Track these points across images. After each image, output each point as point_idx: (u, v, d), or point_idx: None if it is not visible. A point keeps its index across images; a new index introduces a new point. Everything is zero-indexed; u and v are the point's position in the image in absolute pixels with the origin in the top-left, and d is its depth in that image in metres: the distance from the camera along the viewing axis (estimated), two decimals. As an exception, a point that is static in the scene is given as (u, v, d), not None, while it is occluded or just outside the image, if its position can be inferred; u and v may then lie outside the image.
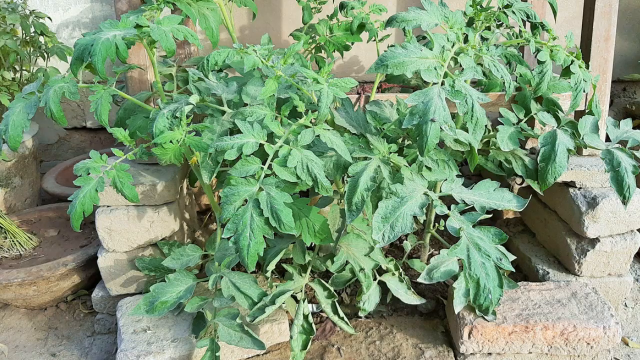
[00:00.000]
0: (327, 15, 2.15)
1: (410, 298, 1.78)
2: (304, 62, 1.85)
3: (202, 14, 1.79)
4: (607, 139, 1.85)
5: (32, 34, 2.54)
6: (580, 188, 1.89)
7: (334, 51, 2.10)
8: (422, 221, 2.00)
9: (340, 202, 1.71)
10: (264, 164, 1.43)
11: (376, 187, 1.51)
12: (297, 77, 1.57)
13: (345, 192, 1.50)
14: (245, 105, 1.65)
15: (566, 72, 1.75)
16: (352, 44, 2.14)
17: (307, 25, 2.19)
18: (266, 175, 1.42)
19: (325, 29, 2.11)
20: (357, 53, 2.75)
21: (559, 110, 1.85)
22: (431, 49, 1.51)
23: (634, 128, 1.85)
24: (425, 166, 1.64)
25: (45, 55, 2.59)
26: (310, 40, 2.13)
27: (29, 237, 2.16)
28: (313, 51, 2.15)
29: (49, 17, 2.63)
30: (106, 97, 1.64)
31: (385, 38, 2.08)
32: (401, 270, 1.84)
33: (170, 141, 1.56)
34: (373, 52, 2.06)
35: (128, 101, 1.80)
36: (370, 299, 1.76)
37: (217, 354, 1.57)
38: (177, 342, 1.65)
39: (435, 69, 1.46)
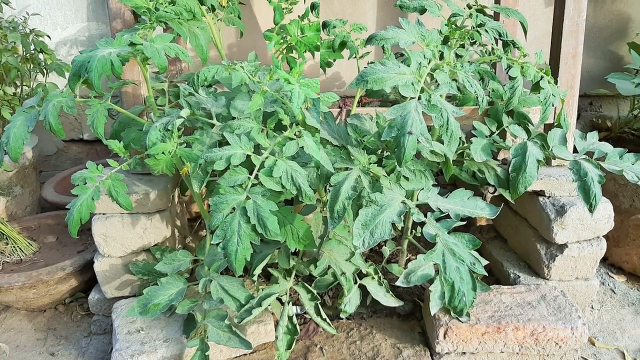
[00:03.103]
0: (299, 16, 2.11)
1: (388, 300, 1.77)
2: (275, 62, 1.81)
3: (193, 32, 1.80)
4: (575, 151, 1.85)
5: (32, 52, 2.53)
6: (550, 197, 1.89)
7: (305, 51, 2.06)
8: (400, 228, 1.99)
9: (323, 210, 1.70)
10: (250, 174, 1.43)
11: (357, 195, 1.51)
12: (282, 92, 1.56)
13: (327, 200, 1.49)
14: (233, 118, 1.65)
15: (536, 88, 1.75)
16: (334, 60, 2.12)
17: (278, 25, 2.14)
18: (253, 185, 1.42)
19: (297, 30, 2.07)
20: (338, 69, 2.75)
21: (529, 123, 1.85)
22: (409, 66, 1.51)
23: (600, 140, 1.86)
24: (403, 176, 1.64)
25: (45, 72, 2.58)
26: (282, 41, 2.08)
27: (29, 243, 2.14)
28: (284, 51, 2.10)
29: (48, 36, 2.63)
30: (102, 110, 1.64)
31: (365, 55, 2.08)
32: (380, 274, 1.83)
33: (163, 152, 1.55)
34: (354, 68, 2.06)
35: (122, 115, 1.80)
36: (351, 302, 1.75)
37: (206, 353, 1.56)
38: (169, 342, 1.63)
39: (413, 84, 1.46)
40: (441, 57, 1.64)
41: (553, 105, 1.74)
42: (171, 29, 1.77)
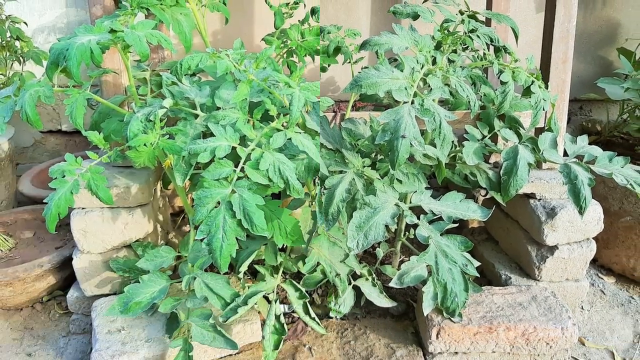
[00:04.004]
0: (299, 20, 2.13)
1: (382, 301, 1.80)
2: (276, 66, 1.79)
3: (176, 19, 1.75)
4: (565, 154, 1.90)
5: (9, 39, 2.48)
6: (540, 199, 1.93)
7: (305, 55, 2.07)
8: (393, 230, 2.02)
9: (312, 204, 1.70)
10: (236, 166, 1.40)
11: (351, 198, 1.52)
12: (269, 81, 1.54)
13: (322, 203, 1.50)
14: (218, 108, 1.61)
15: (527, 92, 1.79)
16: (329, 65, 2.13)
17: (279, 29, 2.16)
18: (239, 178, 1.39)
19: (297, 34, 2.09)
20: (333, 74, 2.76)
21: (520, 127, 1.89)
22: (402, 71, 1.52)
23: (589, 144, 1.90)
24: (397, 179, 1.66)
25: (22, 60, 2.53)
26: (282, 45, 2.10)
27: (5, 239, 2.11)
28: (285, 55, 2.12)
29: (24, 22, 2.57)
30: (81, 100, 1.60)
31: (359, 60, 2.11)
32: (374, 275, 1.86)
33: (144, 144, 1.51)
34: (348, 73, 2.08)
35: (102, 105, 1.76)
36: (345, 302, 1.78)
37: (190, 354, 1.54)
38: (150, 342, 1.62)
39: (406, 89, 1.48)
40: (434, 62, 1.66)
41: (544, 110, 1.78)
42: (153, 16, 1.72)
